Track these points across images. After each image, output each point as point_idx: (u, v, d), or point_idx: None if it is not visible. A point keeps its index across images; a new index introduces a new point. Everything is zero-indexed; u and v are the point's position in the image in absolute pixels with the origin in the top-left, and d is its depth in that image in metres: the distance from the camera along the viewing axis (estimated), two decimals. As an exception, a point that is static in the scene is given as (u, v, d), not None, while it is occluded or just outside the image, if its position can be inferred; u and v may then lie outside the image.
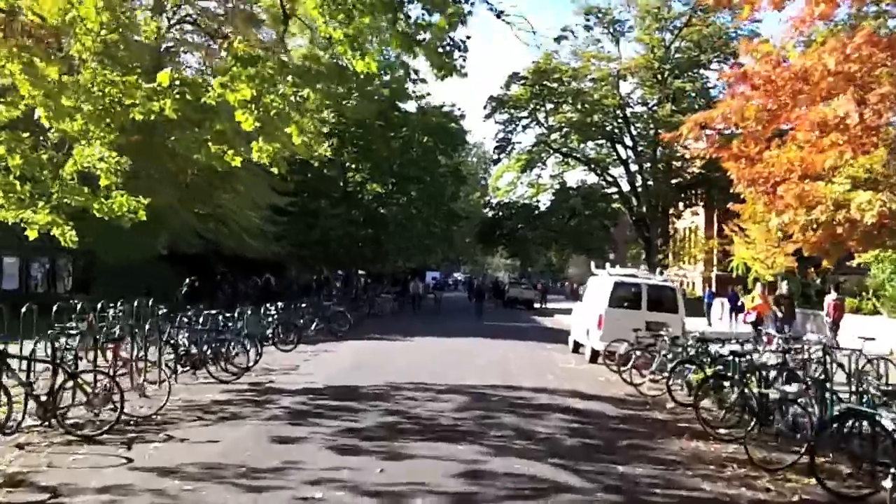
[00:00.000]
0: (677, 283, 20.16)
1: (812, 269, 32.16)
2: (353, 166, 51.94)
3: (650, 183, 53.83)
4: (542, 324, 40.86)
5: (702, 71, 55.31)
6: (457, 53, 12.16)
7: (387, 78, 49.34)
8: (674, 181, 53.87)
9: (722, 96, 54.32)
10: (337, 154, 49.53)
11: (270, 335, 21.23)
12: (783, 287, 22.48)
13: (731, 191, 21.70)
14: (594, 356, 19.79)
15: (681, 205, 56.82)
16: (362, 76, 17.79)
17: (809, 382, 10.68)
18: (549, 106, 56.06)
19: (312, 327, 23.94)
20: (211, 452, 9.16)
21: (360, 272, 64.06)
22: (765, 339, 16.18)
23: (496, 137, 57.45)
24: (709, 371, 12.77)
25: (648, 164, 54.44)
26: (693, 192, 55.01)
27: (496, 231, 58.77)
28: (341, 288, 53.69)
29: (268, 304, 23.13)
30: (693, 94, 53.62)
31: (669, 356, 14.99)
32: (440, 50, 11.94)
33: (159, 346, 14.22)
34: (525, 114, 56.60)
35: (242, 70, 12.39)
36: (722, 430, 11.06)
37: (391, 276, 65.51)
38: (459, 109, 53.12)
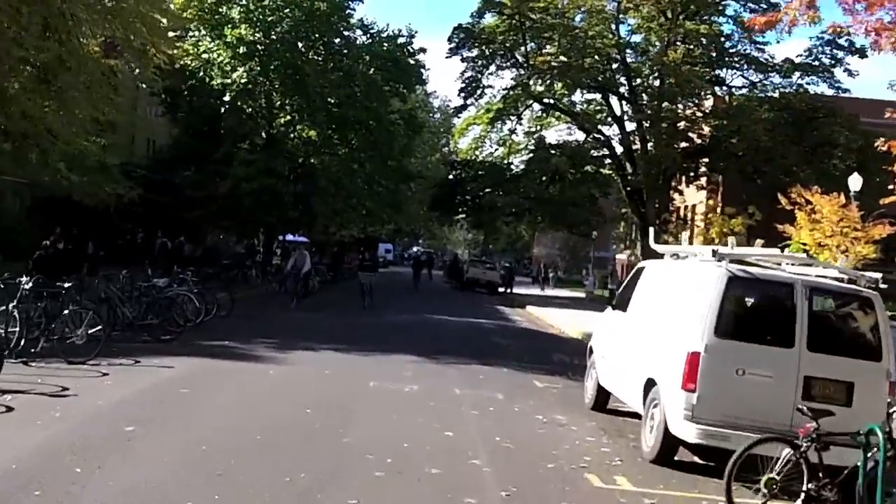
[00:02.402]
0: (872, 287, 8.38)
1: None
2: (279, 102, 40.32)
3: (651, 145, 42.67)
4: (514, 321, 29.59)
5: (714, 18, 44.52)
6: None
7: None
8: (680, 145, 42.91)
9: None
10: (258, 84, 38.25)
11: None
12: None
13: None
14: (668, 448, 8.49)
15: (685, 176, 45.89)
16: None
17: None
18: (531, 45, 44.62)
19: (79, 331, 11.92)
20: None
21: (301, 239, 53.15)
22: None
23: (462, 77, 45.54)
24: None
25: (648, 123, 43.28)
26: (700, 160, 44.25)
27: (456, 195, 47.04)
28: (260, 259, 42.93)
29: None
30: (706, 41, 42.89)
31: None
32: None
33: None
34: (501, 51, 45.00)
35: None
36: None
37: (344, 246, 54.41)
38: (413, 38, 41.67)
